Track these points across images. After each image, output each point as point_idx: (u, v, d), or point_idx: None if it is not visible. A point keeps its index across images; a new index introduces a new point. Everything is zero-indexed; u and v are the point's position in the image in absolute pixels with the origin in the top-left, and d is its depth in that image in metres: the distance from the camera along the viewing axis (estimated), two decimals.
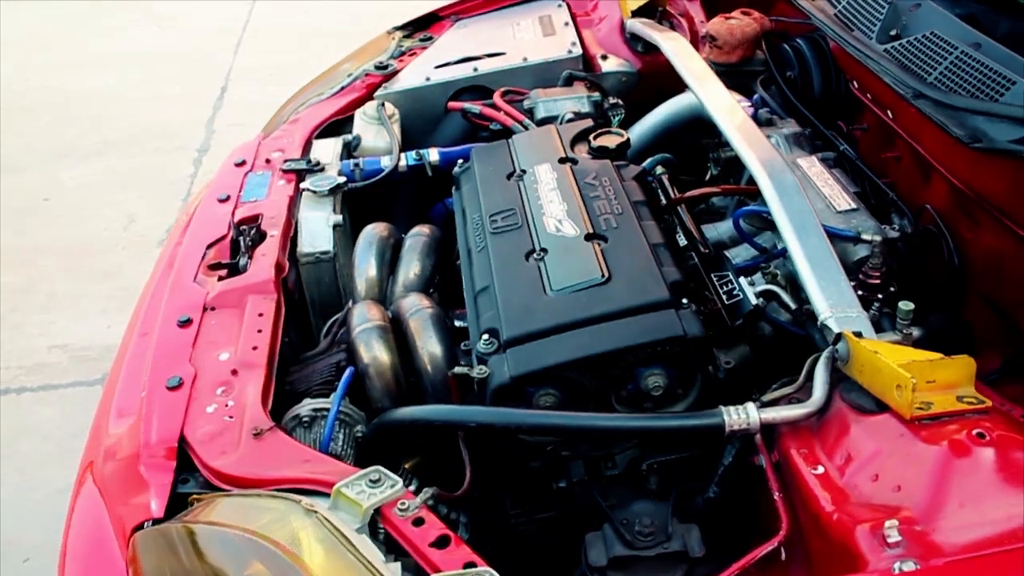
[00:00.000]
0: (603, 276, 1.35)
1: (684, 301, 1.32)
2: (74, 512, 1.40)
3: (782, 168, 1.47)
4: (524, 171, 1.66)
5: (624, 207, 1.51)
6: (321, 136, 2.17)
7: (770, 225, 1.63)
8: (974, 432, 1.03)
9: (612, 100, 1.99)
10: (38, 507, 2.30)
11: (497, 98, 2.07)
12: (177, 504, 1.27)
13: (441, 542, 1.08)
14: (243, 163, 2.06)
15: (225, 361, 1.46)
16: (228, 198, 1.92)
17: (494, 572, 1.02)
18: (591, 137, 1.71)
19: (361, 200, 2.03)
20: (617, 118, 1.92)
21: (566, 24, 2.43)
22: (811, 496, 1.09)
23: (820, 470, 1.11)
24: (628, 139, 1.69)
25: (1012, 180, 1.47)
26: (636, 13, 2.31)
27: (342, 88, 2.30)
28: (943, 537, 0.95)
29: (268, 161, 2.06)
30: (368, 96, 2.28)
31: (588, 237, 1.44)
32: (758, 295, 1.44)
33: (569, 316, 1.30)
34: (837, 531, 1.02)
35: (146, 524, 1.24)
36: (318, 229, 1.81)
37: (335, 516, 1.11)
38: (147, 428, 1.36)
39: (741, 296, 1.44)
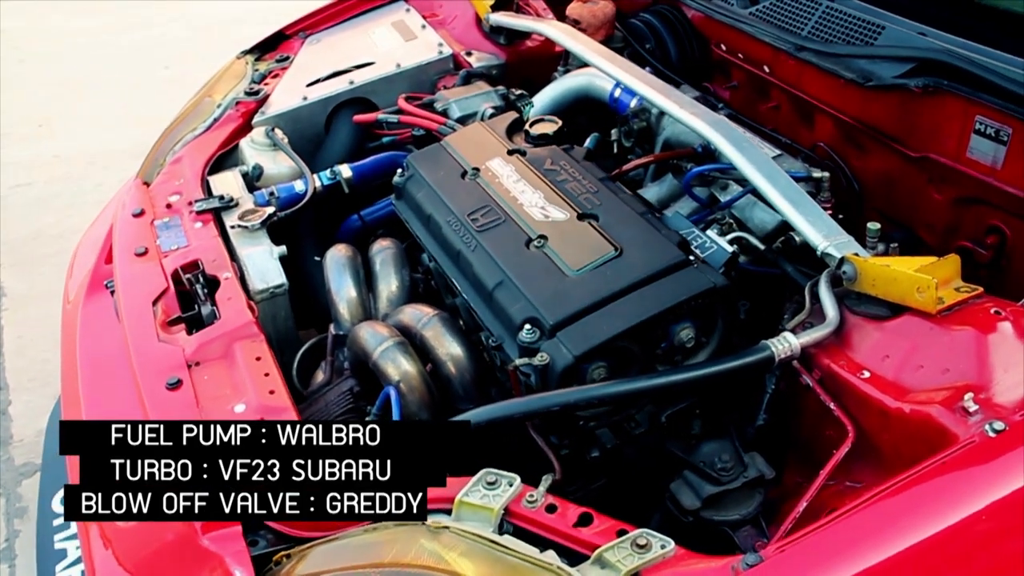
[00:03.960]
0: (616, 250, 1.43)
1: (691, 257, 1.43)
2: None
3: (728, 124, 1.63)
4: (476, 169, 1.69)
5: (597, 185, 1.59)
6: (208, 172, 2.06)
7: (707, 181, 1.79)
8: (991, 311, 1.23)
9: (517, 92, 2.06)
10: None
11: (404, 104, 2.06)
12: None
13: (584, 520, 1.11)
14: (142, 213, 1.92)
15: (244, 412, 1.38)
16: (146, 251, 1.78)
17: (652, 531, 1.07)
18: (528, 127, 1.77)
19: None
20: (528, 107, 1.99)
21: (423, 27, 2.46)
22: (869, 398, 1.24)
23: (866, 374, 1.26)
24: (563, 124, 1.77)
25: (898, 109, 1.73)
26: (495, 7, 2.39)
27: (216, 120, 2.19)
28: (1003, 398, 1.13)
29: (169, 206, 1.93)
30: (246, 124, 2.18)
31: (580, 217, 1.51)
32: (730, 243, 1.58)
33: (603, 292, 1.37)
34: (912, 419, 1.17)
35: None
36: (264, 264, 1.74)
37: (466, 526, 1.11)
38: None
39: (715, 247, 1.58)
